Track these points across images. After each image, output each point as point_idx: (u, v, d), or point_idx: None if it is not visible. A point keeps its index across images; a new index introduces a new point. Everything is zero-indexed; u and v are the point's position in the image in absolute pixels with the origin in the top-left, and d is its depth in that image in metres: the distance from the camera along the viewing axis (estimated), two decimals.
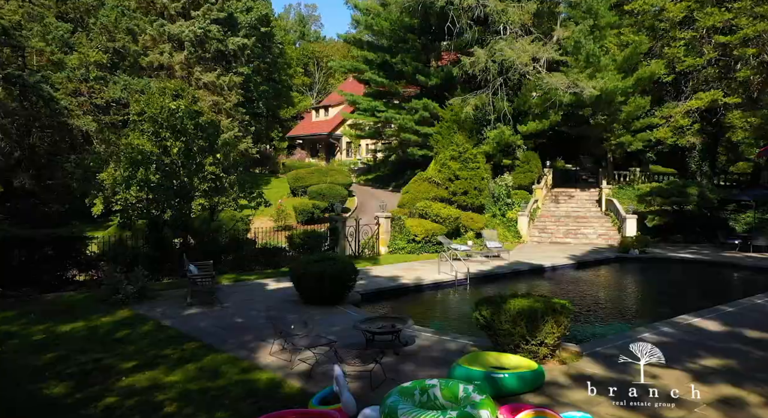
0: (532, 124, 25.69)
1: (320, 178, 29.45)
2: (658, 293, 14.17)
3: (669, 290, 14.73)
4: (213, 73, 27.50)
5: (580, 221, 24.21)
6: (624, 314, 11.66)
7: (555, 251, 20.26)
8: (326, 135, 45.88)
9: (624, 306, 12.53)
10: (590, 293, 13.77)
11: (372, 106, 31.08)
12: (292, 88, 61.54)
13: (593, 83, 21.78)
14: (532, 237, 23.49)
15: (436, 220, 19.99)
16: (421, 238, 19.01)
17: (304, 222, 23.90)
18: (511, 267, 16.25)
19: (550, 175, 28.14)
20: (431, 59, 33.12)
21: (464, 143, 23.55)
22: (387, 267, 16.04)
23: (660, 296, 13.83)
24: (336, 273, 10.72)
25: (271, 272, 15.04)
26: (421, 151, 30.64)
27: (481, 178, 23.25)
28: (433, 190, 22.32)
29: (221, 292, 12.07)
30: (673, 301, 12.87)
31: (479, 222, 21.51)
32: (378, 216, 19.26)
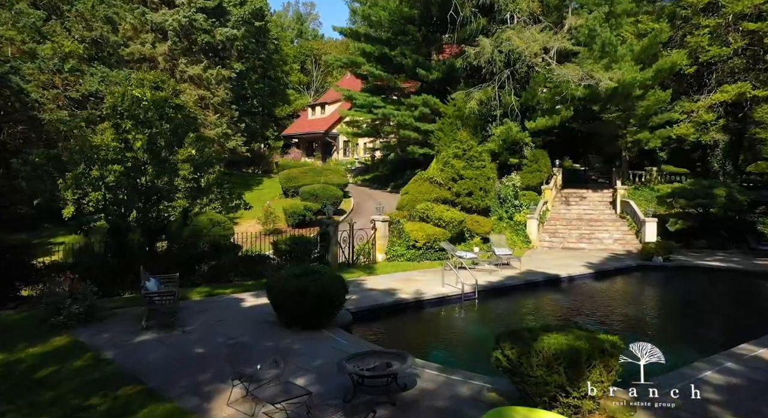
0: (541, 120, 23.85)
1: (314, 179, 27.63)
2: (697, 311, 12.32)
3: (707, 305, 12.88)
4: (199, 66, 25.73)
5: (594, 224, 22.39)
6: (666, 338, 9.83)
7: (569, 258, 18.43)
8: (322, 134, 44.07)
9: (662, 328, 10.70)
10: (618, 310, 11.95)
11: (369, 101, 29.26)
12: (288, 86, 59.74)
13: (609, 75, 19.96)
14: (543, 242, 21.67)
15: (439, 224, 18.17)
16: (422, 244, 17.19)
17: (295, 225, 22.09)
18: (524, 278, 14.42)
19: (559, 175, 26.34)
20: (432, 52, 31.30)
21: (468, 140, 21.72)
22: (384, 278, 14.22)
23: (701, 315, 11.98)
24: (321, 291, 8.89)
25: (251, 283, 13.21)
26: (421, 150, 28.82)
27: (487, 178, 21.42)
28: (434, 191, 20.50)
29: (188, 310, 10.26)
30: (718, 320, 11.08)
31: (485, 226, 19.69)
32: (374, 220, 17.44)
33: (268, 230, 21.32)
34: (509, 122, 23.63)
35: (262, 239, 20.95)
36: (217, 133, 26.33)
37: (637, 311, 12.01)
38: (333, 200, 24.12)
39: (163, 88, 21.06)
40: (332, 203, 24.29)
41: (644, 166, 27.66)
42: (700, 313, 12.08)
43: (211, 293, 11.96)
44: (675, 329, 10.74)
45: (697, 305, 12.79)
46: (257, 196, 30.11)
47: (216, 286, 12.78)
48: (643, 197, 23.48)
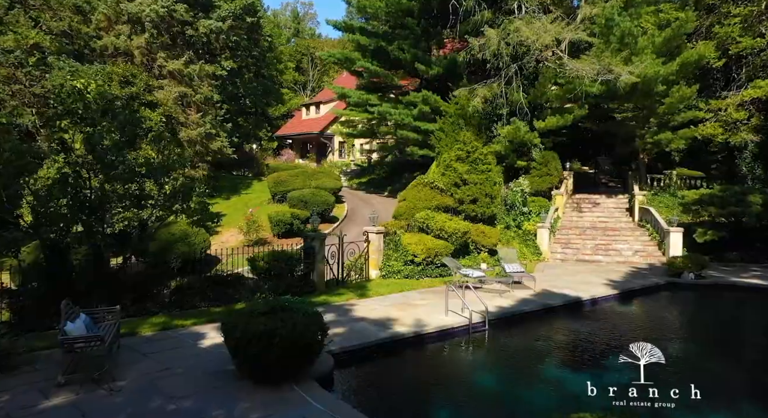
0: (551, 119, 21.87)
1: (305, 182, 25.57)
2: (757, 348, 10.25)
3: (764, 339, 10.82)
4: (179, 61, 23.71)
5: (611, 233, 20.35)
6: (736, 390, 7.78)
7: (586, 273, 16.41)
8: (317, 134, 42.04)
9: (727, 374, 8.61)
10: (660, 345, 9.87)
11: (364, 99, 27.24)
12: (282, 85, 57.74)
13: (629, 69, 17.95)
14: (555, 253, 19.63)
15: (440, 235, 16.13)
16: (422, 259, 15.14)
17: (282, 235, 20.04)
18: (541, 301, 12.38)
19: (570, 179, 24.34)
20: (432, 47, 29.34)
21: (473, 141, 19.70)
22: (377, 302, 12.17)
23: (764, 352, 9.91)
24: (293, 335, 6.85)
25: (220, 310, 11.15)
26: (421, 151, 26.82)
27: (494, 183, 19.37)
28: (435, 197, 18.45)
29: (129, 353, 8.21)
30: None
31: (492, 237, 17.65)
32: (367, 231, 15.39)
33: (251, 241, 19.26)
34: (517, 122, 21.63)
35: (244, 252, 18.91)
36: (199, 134, 24.28)
37: (681, 349, 9.94)
38: (324, 207, 22.08)
39: (134, 83, 19.07)
40: (324, 210, 22.25)
41: (658, 169, 25.69)
42: (763, 350, 10.00)
43: (167, 326, 9.89)
44: (744, 375, 8.64)
45: (753, 340, 10.71)
46: (245, 201, 28.08)
47: (177, 314, 10.72)
48: (663, 204, 21.48)
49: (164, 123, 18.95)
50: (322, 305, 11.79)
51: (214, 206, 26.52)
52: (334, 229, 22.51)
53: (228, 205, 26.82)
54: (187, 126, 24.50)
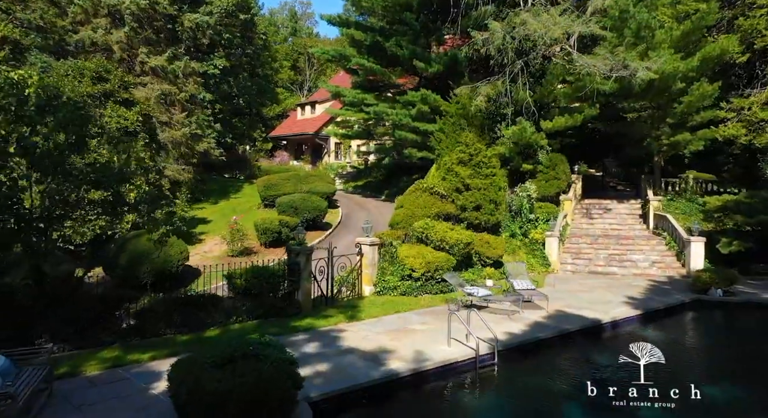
0: (560, 119, 20.38)
1: (296, 186, 24.08)
2: None
3: None
4: (162, 57, 22.20)
5: (624, 242, 18.86)
6: None
7: (602, 288, 14.91)
8: (312, 135, 40.52)
9: None
10: (701, 384, 8.37)
11: (360, 98, 25.74)
12: (277, 84, 56.25)
13: (646, 64, 16.48)
14: (565, 264, 18.14)
15: (440, 246, 14.62)
16: (421, 273, 13.63)
17: (269, 244, 18.52)
18: (556, 325, 10.87)
19: (579, 183, 22.86)
20: (432, 43, 27.85)
21: (475, 143, 18.22)
22: (369, 327, 10.66)
23: None
24: (255, 394, 5.37)
25: (187, 339, 9.65)
26: (420, 153, 25.34)
27: (498, 188, 17.89)
28: (435, 204, 16.95)
29: (61, 404, 6.70)
30: None
31: (498, 247, 16.15)
32: (360, 243, 13.89)
33: (236, 251, 17.73)
34: (523, 122, 20.12)
35: (227, 264, 17.40)
36: (184, 134, 22.76)
37: (732, 393, 8.42)
38: (316, 214, 20.57)
39: (107, 79, 17.56)
40: (315, 217, 20.74)
41: (669, 171, 24.21)
42: None
43: (119, 362, 8.37)
44: None
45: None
46: (234, 205, 26.56)
47: (135, 345, 9.20)
48: (679, 210, 20.02)
49: (141, 122, 17.40)
50: (306, 331, 10.31)
51: (201, 211, 25.03)
52: (326, 236, 21.02)
53: (215, 210, 25.30)
54: (171, 126, 22.99)
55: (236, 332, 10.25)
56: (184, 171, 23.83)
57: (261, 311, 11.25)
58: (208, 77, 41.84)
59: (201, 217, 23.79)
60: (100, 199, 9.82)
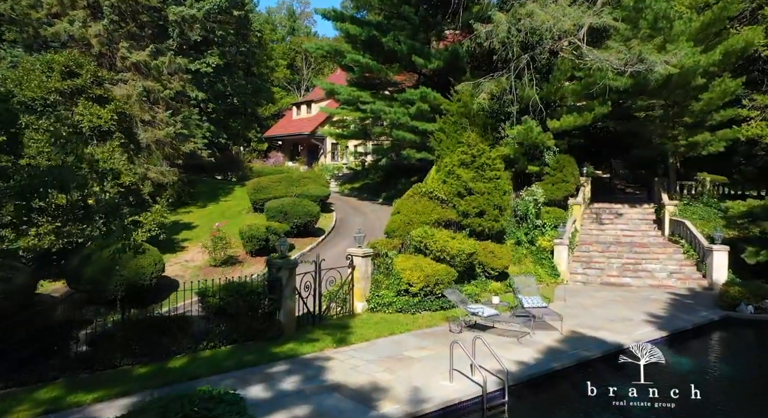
0: (568, 118, 19.04)
1: (288, 189, 22.71)
2: None
3: None
4: (145, 52, 20.84)
5: (639, 250, 17.51)
6: None
7: (618, 303, 13.55)
8: (307, 135, 39.16)
9: None
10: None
11: (355, 96, 24.39)
12: (273, 83, 54.90)
13: (665, 57, 15.13)
14: (575, 275, 16.79)
15: (441, 257, 13.28)
16: (419, 288, 12.27)
17: (256, 252, 17.15)
18: (573, 351, 9.51)
19: (588, 186, 21.52)
20: (431, 39, 26.52)
21: (478, 143, 16.89)
22: (360, 354, 9.30)
23: None
24: None
25: (144, 372, 8.28)
26: (419, 154, 24.01)
27: (503, 193, 16.56)
28: (435, 209, 15.61)
29: None
30: None
31: (503, 257, 14.80)
32: (352, 254, 12.52)
33: (219, 261, 16.35)
34: (530, 121, 18.79)
35: (210, 274, 16.08)
36: (168, 134, 21.41)
37: None
38: (307, 219, 19.20)
39: (79, 74, 16.20)
40: (307, 222, 19.38)
41: (680, 174, 22.86)
42: None
43: (55, 406, 6.99)
44: None
45: None
46: (222, 209, 25.20)
47: (81, 382, 7.83)
48: (697, 215, 18.66)
49: (116, 121, 16.05)
50: (287, 360, 8.95)
51: (187, 216, 23.67)
52: (318, 243, 19.66)
53: (202, 215, 23.94)
54: (154, 125, 21.64)
55: (205, 361, 8.91)
56: (168, 173, 22.48)
57: (237, 334, 9.89)
58: (201, 75, 40.56)
59: (186, 221, 22.43)
60: (46, 205, 8.49)
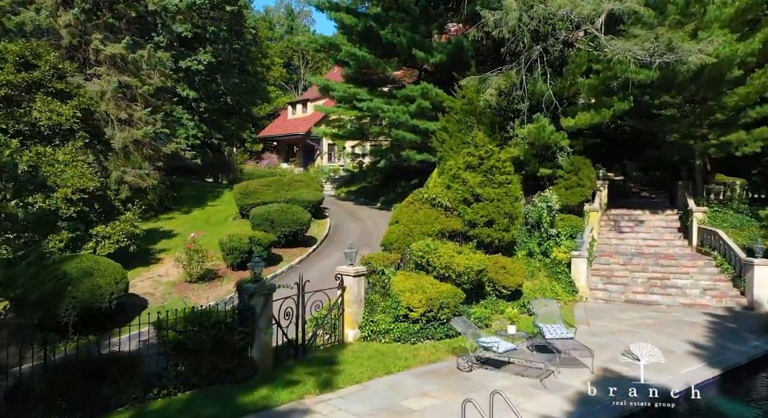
0: (583, 115, 17.25)
1: (278, 193, 20.96)
2: None
3: None
4: (120, 44, 19.08)
5: (665, 263, 15.70)
6: None
7: (648, 325, 11.77)
8: (302, 136, 37.37)
9: None
10: None
11: (351, 93, 22.62)
12: (269, 82, 53.14)
13: (699, 46, 13.34)
14: (595, 290, 14.98)
15: (445, 275, 11.49)
16: (421, 313, 10.47)
17: (237, 266, 15.35)
18: (609, 399, 7.65)
19: (605, 191, 19.72)
20: (433, 32, 24.75)
21: (486, 144, 15.10)
22: (348, 403, 7.51)
23: None
24: None
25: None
26: (419, 156, 22.23)
27: (515, 199, 14.78)
28: (438, 219, 13.83)
29: None
30: None
31: (516, 274, 12.99)
32: (342, 273, 10.71)
33: (196, 275, 14.53)
34: (542, 118, 17.00)
35: (183, 290, 14.31)
36: (146, 133, 19.64)
37: None
38: (296, 227, 17.40)
39: (36, 66, 14.43)
40: (296, 231, 17.58)
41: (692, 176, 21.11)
42: None
43: None
44: None
45: None
46: (208, 215, 23.42)
47: None
48: (728, 223, 16.87)
49: (80, 119, 14.27)
50: (256, 415, 7.16)
51: (168, 222, 21.89)
52: (309, 254, 17.86)
53: (185, 221, 22.15)
54: (132, 124, 19.86)
55: (154, 416, 7.12)
56: (149, 176, 20.70)
57: (198, 376, 8.12)
58: (193, 73, 38.93)
59: (167, 229, 20.65)
60: None
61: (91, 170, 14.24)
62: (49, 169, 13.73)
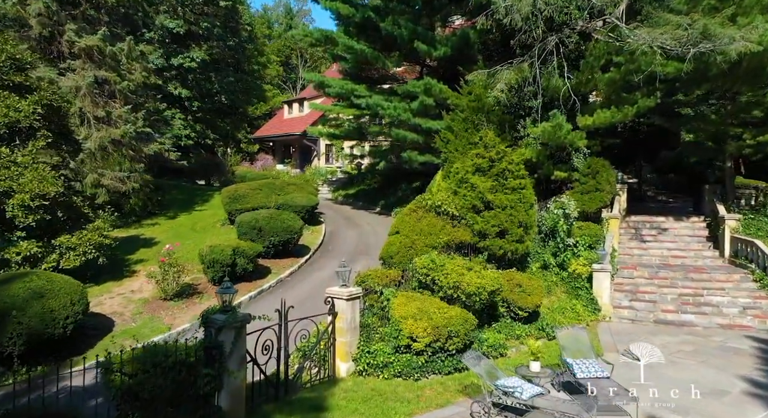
0: (603, 113, 15.68)
1: (269, 198, 19.38)
2: None
3: None
4: (96, 35, 17.51)
5: (695, 277, 14.09)
6: None
7: (688, 354, 10.17)
8: (299, 136, 35.77)
9: None
10: None
11: (348, 89, 21.02)
12: (265, 81, 51.59)
13: (741, 33, 11.76)
14: (619, 308, 13.37)
15: (454, 296, 9.90)
16: (426, 343, 8.87)
17: (220, 280, 13.76)
18: None
19: (624, 195, 18.12)
20: (435, 25, 23.19)
21: (498, 144, 13.52)
22: None
23: None
24: None
25: None
26: (422, 157, 20.63)
27: (530, 206, 13.20)
28: (444, 228, 12.24)
29: None
30: None
31: (534, 293, 11.38)
32: (332, 296, 9.09)
33: (171, 292, 12.92)
34: (558, 116, 15.41)
35: (157, 309, 12.75)
36: (125, 132, 18.07)
37: None
38: (286, 236, 15.78)
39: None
40: (286, 240, 15.97)
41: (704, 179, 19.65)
42: None
43: None
44: None
45: None
46: (194, 221, 21.81)
47: None
48: (763, 232, 15.25)
49: (41, 116, 12.69)
50: None
51: (150, 229, 20.29)
52: (301, 266, 16.25)
53: (169, 228, 20.56)
54: (109, 123, 18.29)
55: None
56: (130, 179, 19.12)
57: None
58: (185, 71, 37.43)
59: (148, 237, 19.05)
60: None
61: (53, 174, 12.65)
62: (4, 173, 12.17)
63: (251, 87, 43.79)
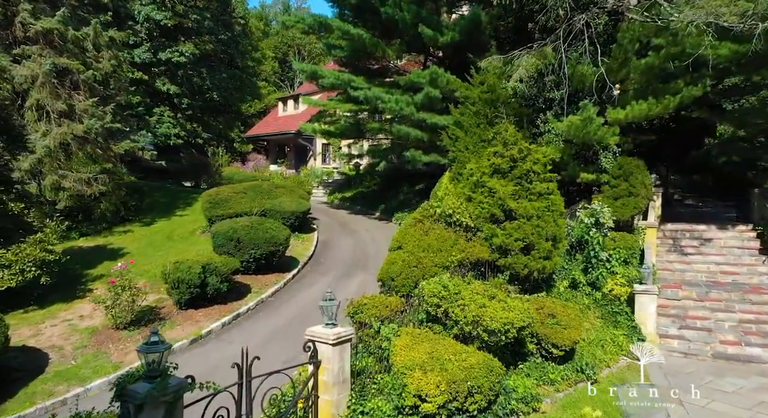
0: (639, 105, 13.45)
1: (255, 202, 17.15)
2: None
3: None
4: (54, 18, 15.28)
5: (754, 298, 11.81)
6: None
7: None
8: (294, 134, 33.49)
9: None
10: None
11: (344, 80, 18.74)
12: (260, 77, 49.42)
13: None
14: (666, 338, 11.11)
15: (473, 334, 7.65)
16: (439, 404, 6.61)
17: (187, 303, 11.51)
18: None
19: (659, 201, 15.81)
20: (441, 11, 20.94)
21: (520, 141, 11.28)
22: None
23: None
24: None
25: None
26: (426, 157, 18.38)
27: (559, 214, 10.95)
28: (457, 243, 9.98)
29: None
30: None
31: (571, 325, 9.10)
32: (314, 339, 6.81)
33: (125, 321, 10.64)
34: (589, 108, 13.14)
35: (105, 342, 10.51)
36: (89, 128, 15.85)
37: None
38: (269, 249, 13.50)
39: None
40: (269, 253, 13.69)
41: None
42: None
43: None
44: None
45: None
46: (173, 227, 19.56)
47: None
48: None
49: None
50: None
51: (121, 237, 18.06)
52: (287, 282, 13.99)
53: (143, 236, 18.32)
54: (72, 117, 16.07)
55: None
56: (96, 181, 16.90)
57: None
58: (174, 66, 35.29)
59: (116, 247, 16.81)
60: None
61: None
62: None
63: (245, 84, 41.62)
